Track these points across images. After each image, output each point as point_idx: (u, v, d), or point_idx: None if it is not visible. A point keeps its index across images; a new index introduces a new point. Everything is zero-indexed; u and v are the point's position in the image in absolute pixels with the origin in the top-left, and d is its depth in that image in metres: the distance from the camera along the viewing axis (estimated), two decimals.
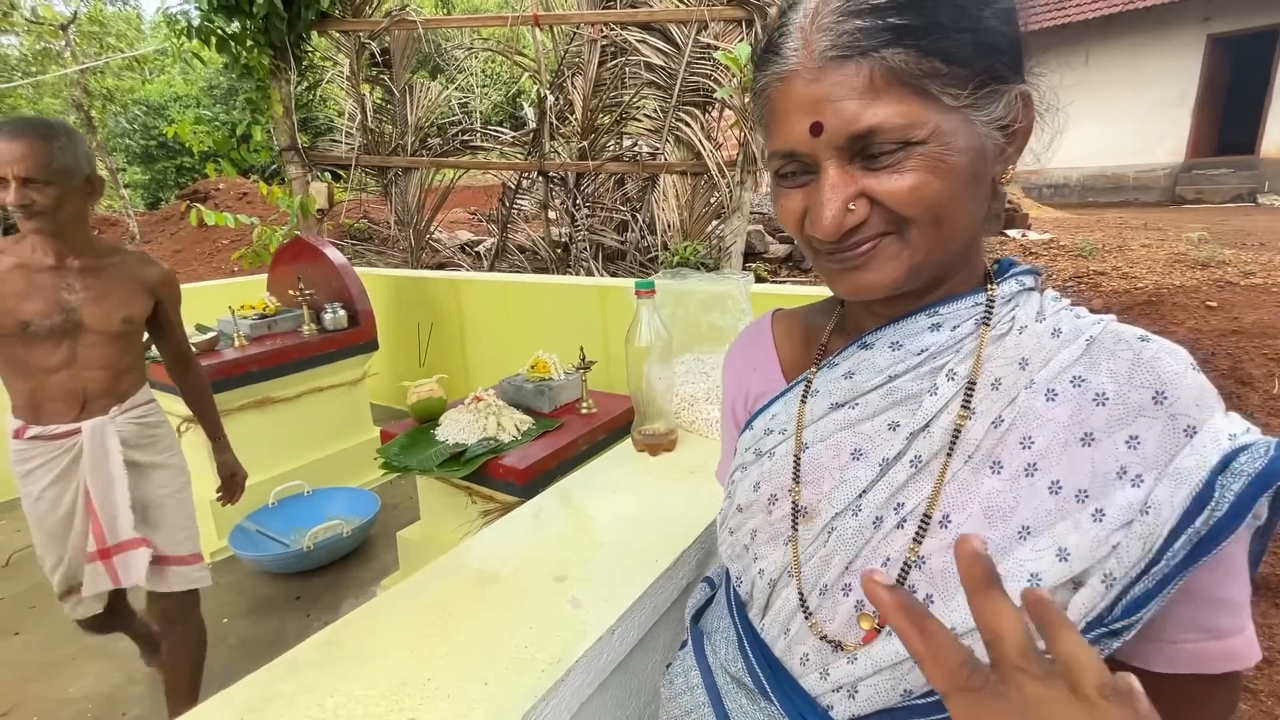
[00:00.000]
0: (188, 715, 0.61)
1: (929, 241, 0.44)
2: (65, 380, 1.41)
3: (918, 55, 0.40)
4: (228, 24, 4.52)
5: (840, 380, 0.53)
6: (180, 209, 6.98)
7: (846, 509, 0.49)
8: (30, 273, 1.34)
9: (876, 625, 0.47)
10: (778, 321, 0.65)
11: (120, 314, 1.42)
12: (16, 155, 1.25)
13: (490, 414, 2.00)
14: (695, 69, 4.39)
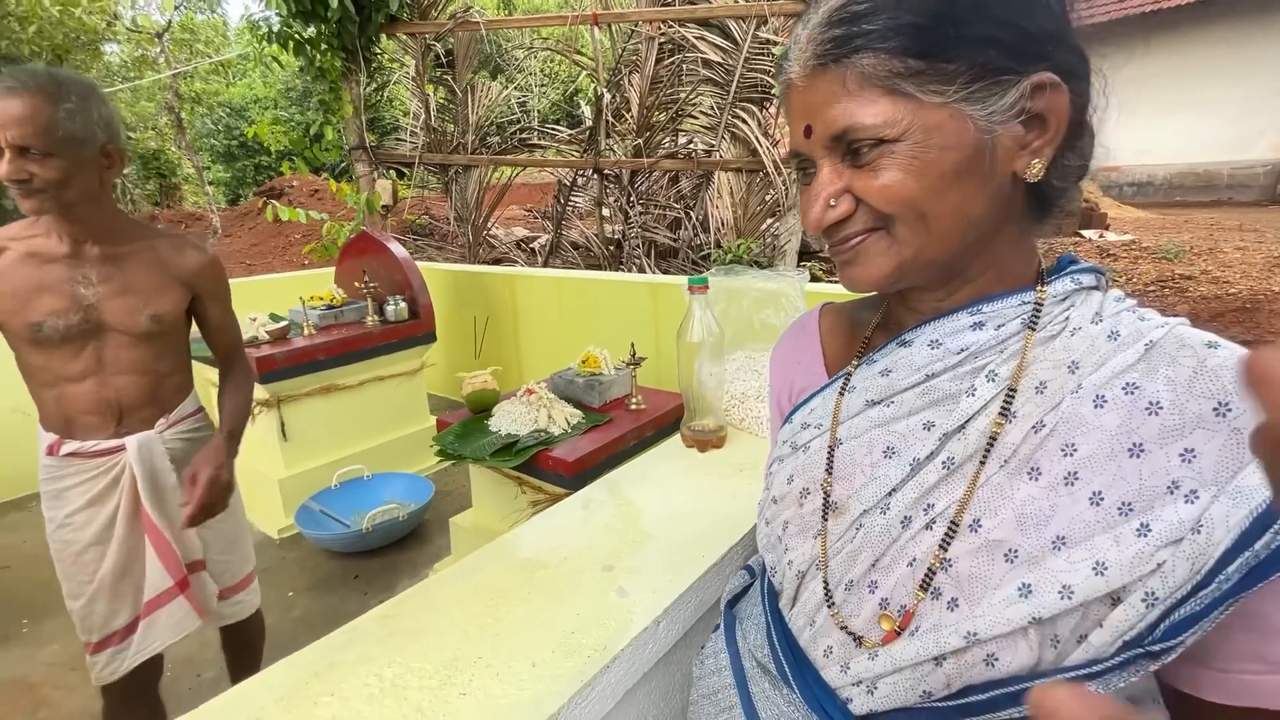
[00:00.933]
0: (259, 675, 0.65)
1: (916, 238, 0.45)
2: (94, 389, 1.20)
3: (888, 57, 0.42)
4: (304, 29, 4.75)
5: (877, 377, 0.52)
6: (258, 205, 7.40)
7: (875, 506, 0.49)
8: (41, 264, 1.13)
9: (898, 628, 0.47)
10: (825, 316, 0.65)
11: (147, 311, 1.20)
12: (11, 117, 1.01)
13: (541, 406, 2.04)
14: (753, 64, 4.34)
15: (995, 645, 0.42)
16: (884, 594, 0.48)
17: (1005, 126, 0.43)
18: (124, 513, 1.25)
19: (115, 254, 1.18)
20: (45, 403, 1.21)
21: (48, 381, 1.19)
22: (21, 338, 1.14)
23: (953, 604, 0.44)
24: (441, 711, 0.59)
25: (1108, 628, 0.40)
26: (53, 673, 1.97)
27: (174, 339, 1.28)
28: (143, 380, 1.24)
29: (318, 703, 0.61)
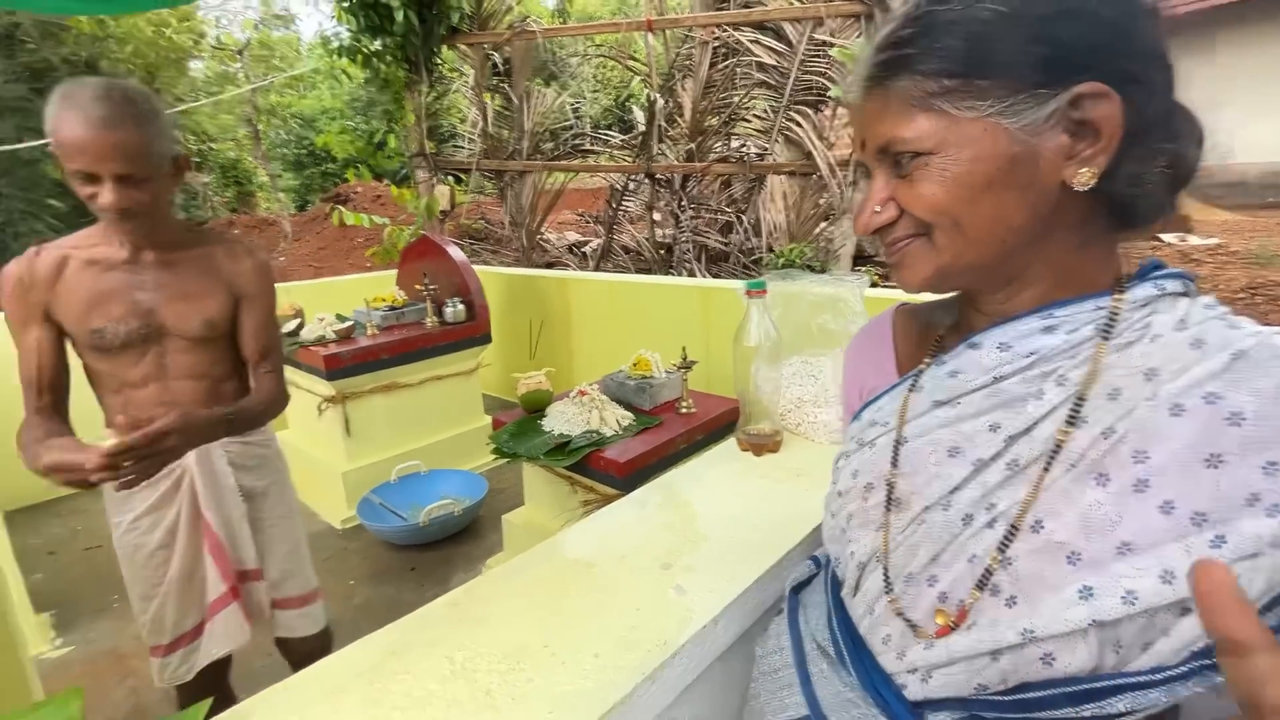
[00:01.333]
0: (340, 652, 0.69)
1: (954, 245, 0.48)
2: (156, 394, 1.22)
3: (923, 79, 0.46)
4: (371, 42, 4.97)
5: (945, 378, 0.54)
6: (325, 210, 7.77)
7: (937, 503, 0.51)
8: (102, 271, 1.14)
9: (952, 623, 0.48)
10: (899, 317, 0.67)
11: (199, 316, 1.21)
12: (111, 148, 1.00)
13: (594, 408, 2.08)
14: (808, 67, 4.29)
15: (1053, 644, 0.43)
16: (943, 588, 0.49)
17: (1047, 137, 0.44)
18: (185, 517, 1.27)
19: (171, 260, 1.20)
20: (110, 408, 1.23)
21: (112, 387, 1.21)
22: (85, 344, 1.16)
23: (1011, 601, 0.45)
24: (510, 695, 0.62)
25: (1175, 636, 0.40)
26: (139, 645, 2.12)
27: (229, 344, 1.28)
28: (200, 385, 1.25)
29: (394, 680, 0.64)
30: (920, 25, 0.46)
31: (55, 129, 0.99)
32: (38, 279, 1.12)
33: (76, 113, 0.98)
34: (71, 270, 1.13)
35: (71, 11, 5.34)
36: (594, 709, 0.60)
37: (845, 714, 0.56)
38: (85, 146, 0.98)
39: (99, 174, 1.01)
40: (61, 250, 1.14)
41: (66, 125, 0.99)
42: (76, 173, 1.01)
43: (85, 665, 2.05)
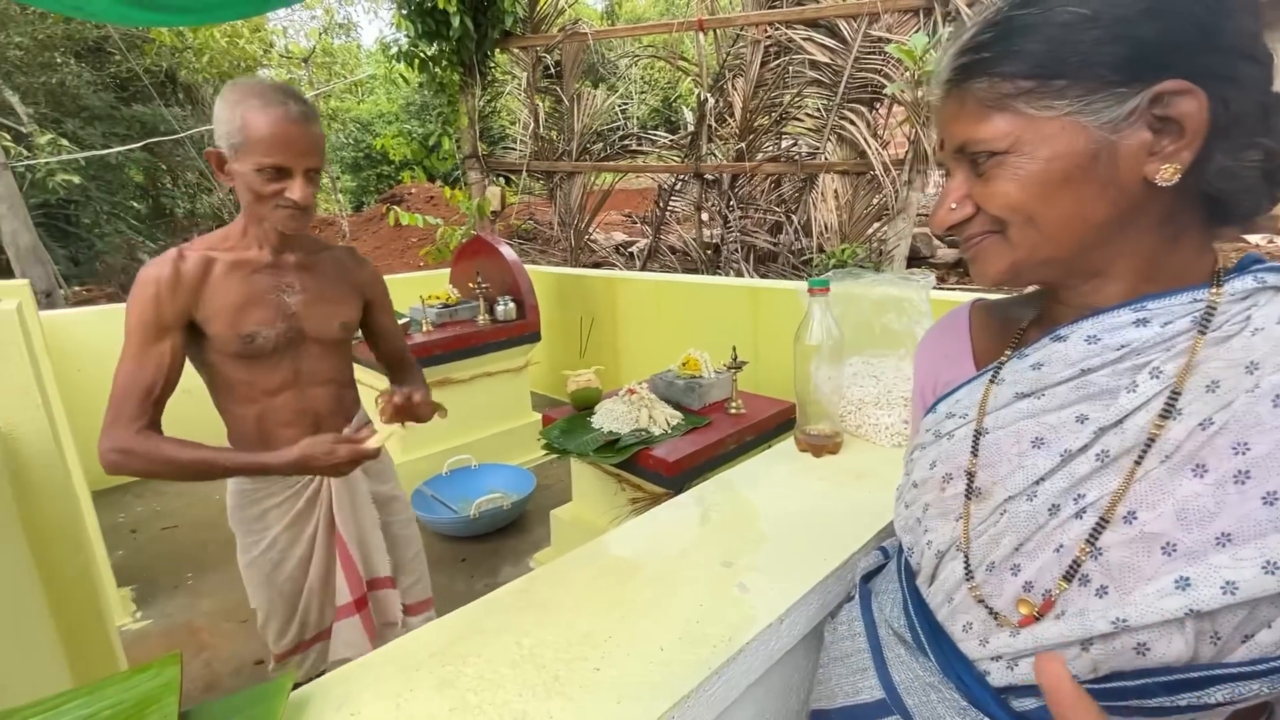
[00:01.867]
0: (414, 633, 0.72)
1: (1029, 241, 0.49)
2: (292, 401, 1.18)
3: (1001, 80, 0.47)
4: (428, 47, 5.12)
5: (1028, 371, 0.54)
6: (380, 211, 8.05)
7: (1021, 493, 0.51)
8: (249, 274, 1.11)
9: (1036, 613, 0.48)
10: (976, 311, 0.67)
11: (338, 319, 1.21)
12: (311, 144, 1.03)
13: (643, 406, 2.08)
14: (863, 64, 4.20)
15: (1147, 635, 0.43)
16: (1027, 578, 0.49)
17: (1128, 134, 0.44)
18: (322, 526, 1.25)
19: (308, 263, 1.19)
20: (243, 420, 1.18)
21: (249, 397, 1.16)
22: (232, 351, 1.10)
23: (1102, 591, 0.45)
24: (577, 683, 0.63)
25: (1277, 629, 0.41)
26: (212, 620, 2.25)
27: (349, 348, 1.29)
28: (331, 390, 1.24)
29: (466, 662, 0.66)
30: (999, 29, 0.47)
31: (248, 124, 0.99)
32: (184, 282, 1.06)
33: (278, 109, 0.99)
34: (219, 273, 1.09)
35: (154, 24, 5.68)
36: (661, 701, 0.60)
37: (924, 697, 0.57)
38: (289, 141, 1.00)
39: (293, 168, 1.02)
40: (204, 252, 1.10)
41: (266, 121, 0.99)
42: (268, 168, 1.00)
43: (161, 638, 2.17)
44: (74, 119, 8.72)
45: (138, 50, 8.98)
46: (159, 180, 10.10)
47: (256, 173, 1.01)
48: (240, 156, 1.01)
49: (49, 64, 8.62)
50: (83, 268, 8.79)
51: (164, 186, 10.20)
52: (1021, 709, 0.51)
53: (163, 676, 0.61)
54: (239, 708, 0.60)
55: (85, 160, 7.94)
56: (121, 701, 0.58)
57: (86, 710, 0.58)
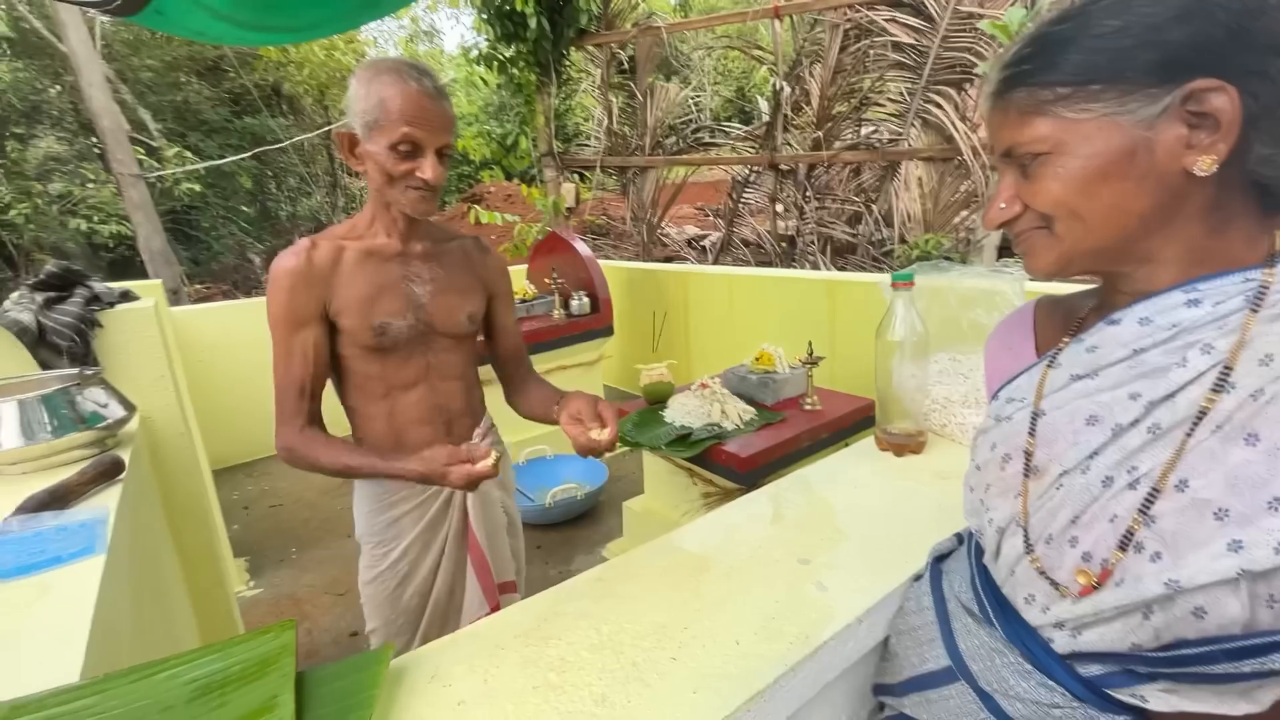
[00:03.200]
0: (499, 613, 0.76)
1: (1073, 233, 0.52)
2: (425, 396, 1.14)
3: (1039, 89, 0.51)
4: (507, 49, 5.28)
5: (1083, 354, 0.57)
6: (462, 210, 8.39)
7: (1075, 468, 0.53)
8: (380, 263, 1.08)
9: (1095, 583, 0.50)
10: (1041, 306, 0.70)
11: (465, 310, 1.16)
12: (444, 122, 1.00)
13: (715, 401, 2.08)
14: (951, 43, 3.97)
15: (1202, 597, 0.44)
16: (1085, 548, 0.52)
17: (1163, 129, 0.47)
18: (454, 532, 1.19)
19: (434, 252, 1.14)
20: (373, 418, 1.13)
21: (379, 392, 1.12)
22: (364, 343, 1.07)
23: (1156, 557, 0.47)
24: (655, 670, 0.64)
25: None
26: (313, 593, 2.44)
27: (475, 343, 1.23)
28: (460, 386, 1.19)
29: (548, 644, 0.69)
30: (1038, 44, 0.52)
31: (384, 100, 0.96)
32: (318, 271, 1.04)
33: (412, 84, 0.96)
34: (349, 261, 1.06)
35: (264, 44, 6.16)
36: (737, 694, 0.61)
37: (988, 662, 0.60)
38: (423, 116, 0.97)
39: (425, 146, 0.99)
40: (335, 241, 1.07)
41: (401, 96, 0.96)
42: (401, 143, 0.97)
43: (270, 605, 2.38)
44: (195, 132, 9.62)
45: (248, 66, 9.78)
46: (265, 186, 10.97)
47: (390, 150, 0.98)
48: (374, 135, 0.98)
49: (175, 83, 9.55)
50: (201, 268, 9.71)
51: (270, 191, 11.08)
52: (1087, 674, 0.53)
53: (281, 640, 0.68)
54: (344, 672, 0.65)
55: (205, 170, 8.74)
56: (247, 659, 0.64)
57: (220, 665, 0.65)
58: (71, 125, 8.56)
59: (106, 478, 1.14)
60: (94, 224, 7.75)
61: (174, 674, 0.64)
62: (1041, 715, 0.55)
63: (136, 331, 1.64)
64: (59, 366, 1.46)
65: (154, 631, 1.19)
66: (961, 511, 0.90)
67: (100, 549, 0.94)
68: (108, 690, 0.63)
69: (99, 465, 1.14)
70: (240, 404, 3.49)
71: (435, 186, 1.02)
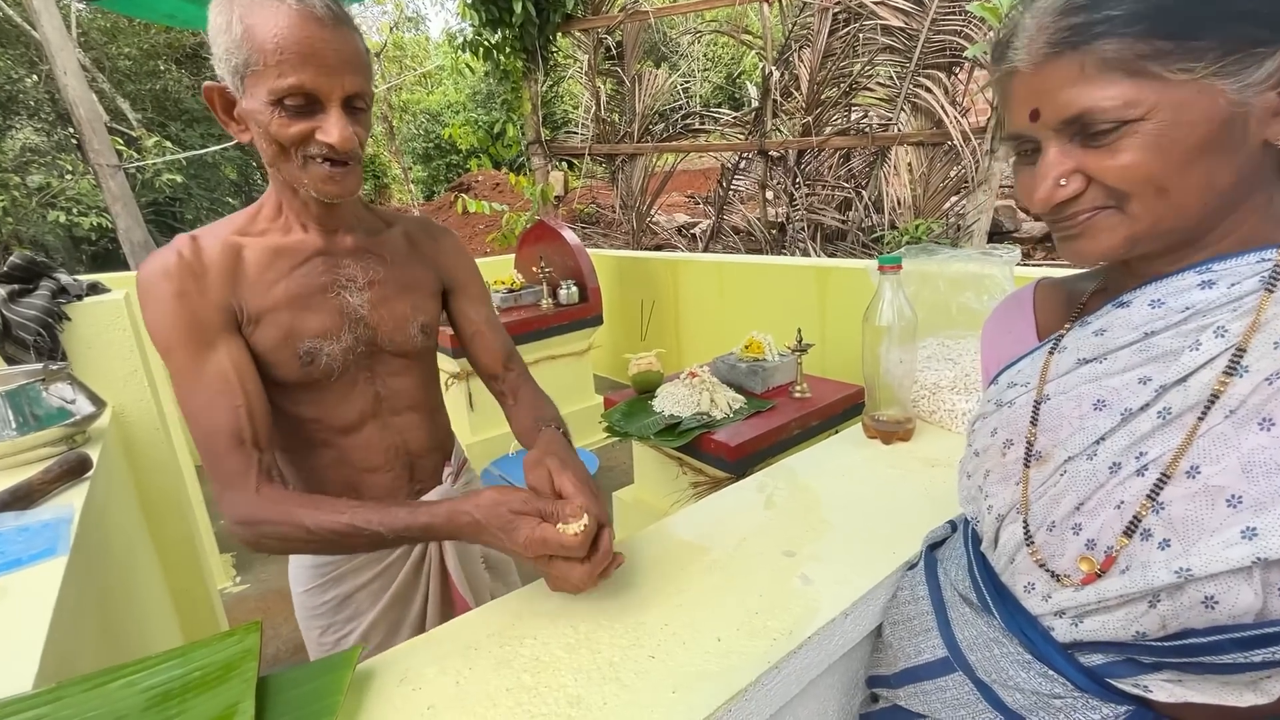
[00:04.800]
0: (473, 612, 0.73)
1: (1153, 212, 0.46)
2: (376, 437, 0.88)
3: (1133, 40, 0.42)
4: (492, 35, 5.19)
5: (1090, 337, 0.54)
6: (449, 199, 8.30)
7: (1081, 453, 0.51)
8: (293, 265, 0.80)
9: (1099, 570, 0.48)
10: (1041, 288, 0.67)
11: (418, 319, 0.89)
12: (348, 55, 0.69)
13: (704, 390, 2.05)
14: (941, 25, 3.94)
15: (1213, 586, 0.42)
16: (1089, 536, 0.50)
17: (1259, 96, 0.43)
18: (434, 603, 0.95)
19: (370, 245, 0.87)
20: (315, 471, 0.87)
21: (319, 438, 0.86)
22: (286, 376, 0.80)
23: (1164, 544, 0.45)
24: (632, 670, 0.62)
25: None
26: None
27: (434, 359, 0.97)
28: (421, 418, 0.93)
29: (523, 643, 0.66)
30: None
31: (251, 33, 0.66)
32: (211, 268, 0.75)
33: (286, 7, 0.66)
34: (253, 263, 0.78)
35: None
36: (719, 693, 0.58)
37: (987, 652, 0.58)
38: (312, 50, 0.66)
39: (323, 95, 0.69)
40: (225, 236, 0.78)
41: (276, 23, 0.66)
42: (286, 93, 0.67)
43: (258, 601, 2.35)
44: (176, 122, 9.43)
45: None
46: (250, 177, 10.79)
47: (271, 106, 0.68)
48: (248, 86, 0.69)
49: (154, 71, 9.35)
50: None
51: (255, 183, 10.89)
52: (1089, 664, 0.51)
53: (245, 643, 0.65)
54: (310, 676, 0.62)
55: (187, 160, 8.58)
56: (208, 665, 0.62)
57: (179, 671, 0.62)
58: (49, 116, 8.37)
59: (72, 476, 1.11)
60: (73, 216, 7.60)
61: (130, 681, 0.61)
62: (1042, 706, 0.53)
63: (107, 324, 1.59)
64: (25, 362, 1.41)
65: (126, 633, 1.16)
66: (951, 499, 0.88)
67: (63, 550, 0.91)
68: (61, 699, 0.60)
69: (64, 463, 1.10)
70: None
71: (348, 154, 0.72)
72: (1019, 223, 5.08)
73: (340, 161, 0.73)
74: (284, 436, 0.86)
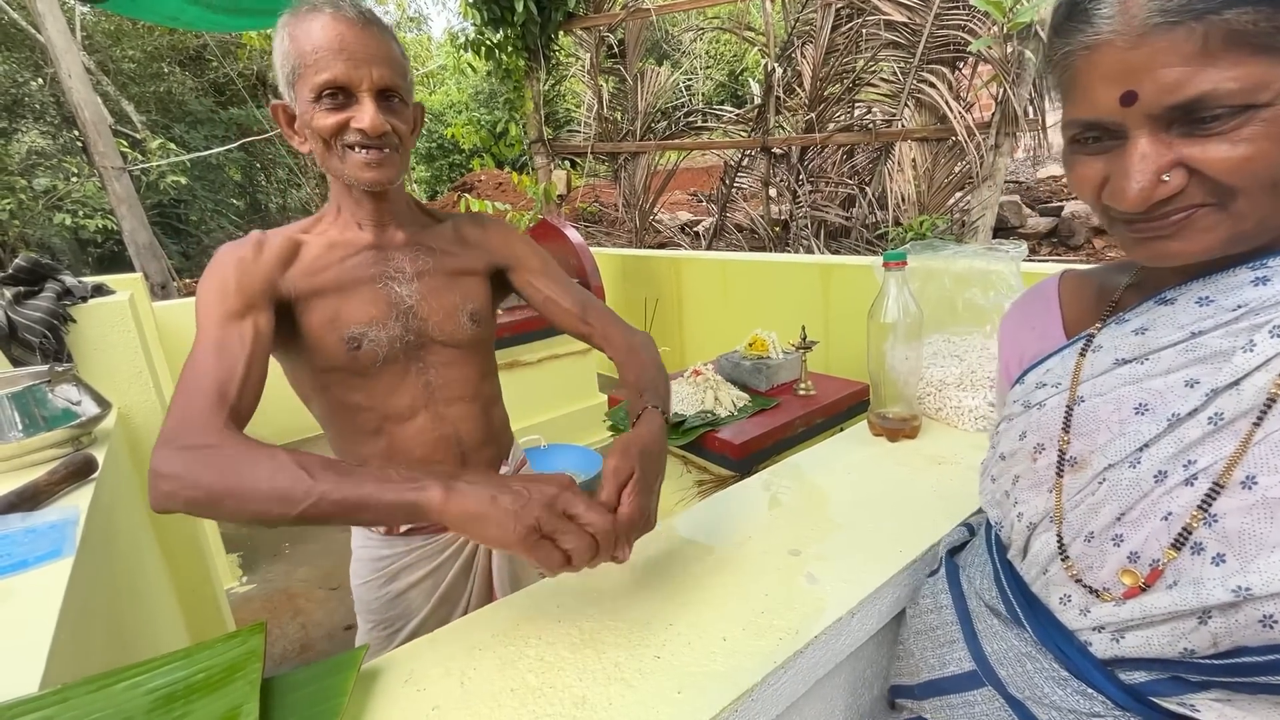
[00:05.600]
0: (479, 611, 0.73)
1: (1259, 210, 0.42)
2: (428, 427, 0.91)
3: (1271, 10, 0.36)
4: (494, 34, 5.19)
5: (1129, 336, 0.51)
6: (452, 199, 8.30)
7: (1123, 460, 0.48)
8: (346, 256, 0.86)
9: (1143, 584, 0.45)
10: (1066, 281, 0.63)
11: (467, 307, 0.92)
12: (373, 51, 0.77)
13: (708, 388, 2.05)
14: (945, 20, 3.91)
15: (1273, 605, 0.39)
16: (1132, 548, 0.47)
17: None
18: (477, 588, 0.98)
19: (421, 240, 0.91)
20: (367, 460, 0.90)
21: (370, 426, 0.89)
22: (337, 363, 0.84)
23: (1218, 559, 0.42)
24: (637, 670, 0.61)
25: None
26: (307, 587, 2.42)
27: (489, 349, 0.99)
28: (474, 409, 0.95)
29: (528, 644, 0.66)
30: None
31: (295, 40, 0.77)
32: (268, 253, 0.82)
33: (322, 15, 0.76)
34: (310, 255, 0.85)
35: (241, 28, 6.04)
36: (725, 693, 0.58)
37: (1019, 667, 0.54)
38: (343, 46, 0.75)
39: (354, 86, 0.76)
40: (289, 235, 0.86)
41: (312, 28, 0.76)
42: (323, 88, 0.76)
43: (264, 601, 2.36)
44: (180, 124, 9.47)
45: (231, 56, 9.61)
46: (254, 178, 10.83)
47: (314, 103, 0.77)
48: (297, 90, 0.78)
49: (158, 74, 9.38)
50: (192, 261, 9.60)
51: (259, 184, 10.94)
52: (1131, 681, 0.48)
53: (249, 645, 0.65)
54: (315, 677, 0.62)
55: (191, 162, 8.61)
56: (211, 666, 0.62)
57: (184, 673, 0.62)
58: (54, 119, 8.41)
59: (78, 477, 1.11)
60: (79, 219, 7.64)
61: (135, 683, 0.61)
62: None
63: (112, 326, 1.60)
64: (31, 363, 1.42)
65: (133, 634, 1.16)
66: (959, 497, 0.88)
67: (69, 551, 0.91)
68: (67, 700, 0.60)
69: (70, 464, 1.11)
70: None
71: (384, 141, 0.79)
72: (1024, 218, 5.05)
73: (376, 148, 0.80)
74: (339, 424, 0.91)
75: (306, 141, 0.82)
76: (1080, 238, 4.72)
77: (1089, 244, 4.72)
